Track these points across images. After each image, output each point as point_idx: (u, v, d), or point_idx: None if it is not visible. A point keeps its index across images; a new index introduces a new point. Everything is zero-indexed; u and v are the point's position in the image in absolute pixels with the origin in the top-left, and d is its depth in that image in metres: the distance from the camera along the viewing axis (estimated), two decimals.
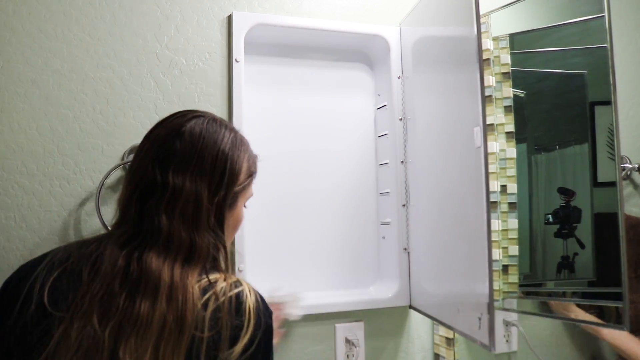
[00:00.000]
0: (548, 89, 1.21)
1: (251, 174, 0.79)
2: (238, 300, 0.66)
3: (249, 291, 0.68)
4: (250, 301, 0.67)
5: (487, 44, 1.15)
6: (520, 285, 1.15)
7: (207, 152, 0.71)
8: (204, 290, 0.66)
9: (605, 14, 0.99)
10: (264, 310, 0.68)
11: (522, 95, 1.18)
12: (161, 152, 0.70)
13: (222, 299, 0.65)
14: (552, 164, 1.20)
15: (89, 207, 1.07)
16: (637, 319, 1.14)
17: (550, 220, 1.15)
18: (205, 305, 0.64)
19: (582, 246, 1.12)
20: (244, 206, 0.80)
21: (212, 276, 0.68)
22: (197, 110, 0.76)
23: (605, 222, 1.09)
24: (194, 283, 0.65)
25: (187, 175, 0.69)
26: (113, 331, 0.61)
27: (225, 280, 0.68)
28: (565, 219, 1.13)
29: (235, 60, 1.16)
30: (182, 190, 0.68)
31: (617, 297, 0.95)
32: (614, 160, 1.02)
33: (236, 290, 0.67)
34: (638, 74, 1.52)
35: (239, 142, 0.76)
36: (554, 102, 1.20)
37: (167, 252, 0.66)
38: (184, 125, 0.71)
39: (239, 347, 0.64)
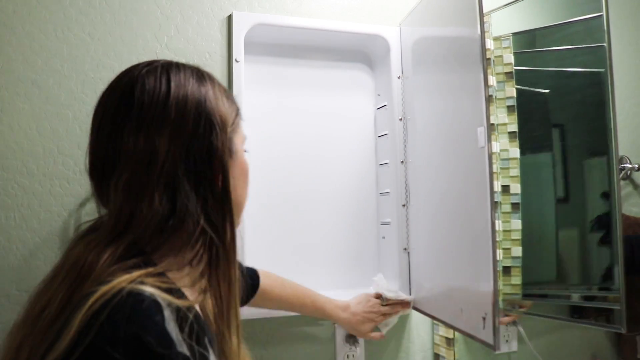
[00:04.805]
0: (566, 88, 1.19)
1: (237, 111, 0.65)
2: (80, 304, 0.48)
3: (103, 294, 0.48)
4: (87, 307, 0.47)
5: (488, 43, 1.15)
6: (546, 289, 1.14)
7: (171, 99, 0.56)
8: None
9: (604, 12, 0.99)
10: (106, 326, 0.46)
11: (538, 95, 1.17)
12: (113, 116, 0.57)
13: (89, 294, 0.48)
14: (581, 167, 1.17)
15: (89, 207, 1.07)
16: (638, 320, 1.14)
17: (595, 227, 1.11)
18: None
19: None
20: (245, 150, 0.66)
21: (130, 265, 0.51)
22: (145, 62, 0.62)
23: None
24: (103, 269, 0.51)
25: (142, 134, 0.55)
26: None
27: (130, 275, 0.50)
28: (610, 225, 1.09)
29: (235, 60, 1.16)
30: (134, 153, 0.54)
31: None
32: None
33: (98, 292, 0.48)
34: (638, 74, 1.52)
35: (210, 78, 0.62)
36: (573, 103, 1.18)
37: (100, 233, 0.55)
38: (135, 79, 0.58)
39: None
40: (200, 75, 0.61)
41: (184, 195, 0.55)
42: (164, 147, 0.54)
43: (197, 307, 0.57)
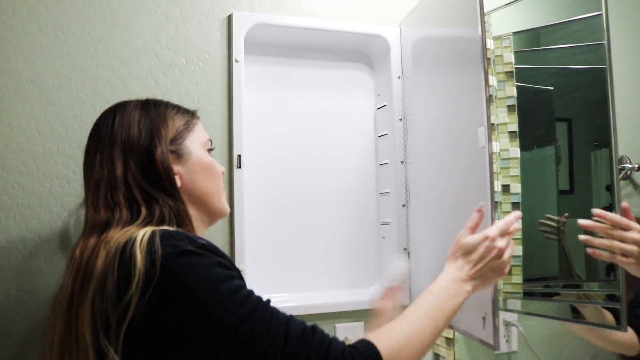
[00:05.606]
0: (567, 85, 1.18)
1: (190, 118, 0.79)
2: (127, 245, 0.60)
3: (145, 232, 0.61)
4: (139, 239, 0.59)
5: (488, 43, 1.15)
6: (550, 287, 1.13)
7: (116, 126, 0.73)
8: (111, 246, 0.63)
9: (603, 12, 0.99)
10: (161, 245, 0.59)
11: (540, 93, 1.16)
12: (86, 153, 0.76)
13: (111, 248, 0.61)
14: (587, 163, 1.16)
15: None
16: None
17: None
18: (99, 260, 0.62)
19: None
20: (208, 151, 0.80)
21: (131, 230, 0.64)
22: None
23: None
24: (111, 244, 0.62)
25: (98, 156, 0.72)
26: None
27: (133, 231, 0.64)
28: None
29: (235, 60, 1.16)
30: (99, 169, 0.71)
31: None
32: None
33: (131, 236, 0.61)
34: (638, 74, 1.52)
35: (155, 104, 0.77)
36: (575, 100, 1.17)
37: (91, 231, 0.68)
38: (96, 123, 0.76)
39: (130, 295, 0.56)
40: (145, 103, 0.76)
41: (146, 191, 0.70)
42: (120, 161, 0.71)
43: None
